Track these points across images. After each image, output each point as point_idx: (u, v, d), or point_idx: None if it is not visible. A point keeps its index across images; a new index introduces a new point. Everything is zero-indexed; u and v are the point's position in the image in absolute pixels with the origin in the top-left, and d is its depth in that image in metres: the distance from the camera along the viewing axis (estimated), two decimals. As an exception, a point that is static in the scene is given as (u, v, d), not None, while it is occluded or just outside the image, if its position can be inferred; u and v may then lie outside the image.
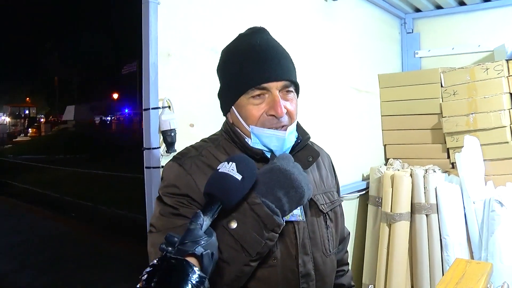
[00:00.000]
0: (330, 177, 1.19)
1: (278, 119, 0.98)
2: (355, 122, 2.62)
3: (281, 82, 0.98)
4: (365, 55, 2.73)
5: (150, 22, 1.36)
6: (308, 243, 1.04)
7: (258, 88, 0.98)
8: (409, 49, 3.11)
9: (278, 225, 0.89)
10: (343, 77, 2.51)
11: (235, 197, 0.86)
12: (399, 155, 2.82)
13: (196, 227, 0.77)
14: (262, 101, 0.99)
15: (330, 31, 2.38)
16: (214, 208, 0.83)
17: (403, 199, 2.41)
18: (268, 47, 1.01)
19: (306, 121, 2.13)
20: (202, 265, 0.72)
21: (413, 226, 2.43)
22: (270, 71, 0.98)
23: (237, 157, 0.91)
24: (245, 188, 0.87)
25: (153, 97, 1.37)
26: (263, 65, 0.98)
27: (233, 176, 0.85)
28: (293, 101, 1.01)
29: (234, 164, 0.87)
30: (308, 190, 0.92)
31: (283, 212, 0.90)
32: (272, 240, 0.90)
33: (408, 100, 2.77)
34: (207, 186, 0.86)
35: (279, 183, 0.90)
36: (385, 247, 2.46)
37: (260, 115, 0.99)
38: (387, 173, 2.50)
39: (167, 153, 1.43)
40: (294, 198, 0.90)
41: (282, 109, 0.97)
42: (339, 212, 1.16)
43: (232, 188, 0.85)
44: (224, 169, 0.87)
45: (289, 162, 0.93)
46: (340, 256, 1.25)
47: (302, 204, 0.93)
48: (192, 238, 0.74)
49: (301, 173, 0.93)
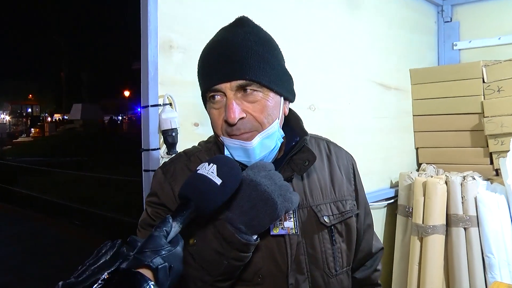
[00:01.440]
0: (347, 183, 1.15)
1: (231, 126, 0.94)
2: (382, 123, 2.59)
3: (234, 82, 0.93)
4: (395, 48, 2.69)
5: (149, 10, 1.37)
6: (305, 260, 1.02)
7: (212, 90, 0.96)
8: (446, 40, 3.05)
9: (243, 243, 0.87)
10: (370, 72, 2.49)
11: (211, 204, 0.84)
12: (433, 160, 2.77)
13: (159, 234, 0.75)
14: (221, 105, 0.96)
15: (355, 22, 2.37)
16: (186, 213, 0.82)
17: (437, 209, 2.36)
18: (229, 43, 0.96)
19: (328, 120, 2.16)
20: (157, 280, 0.70)
21: (449, 241, 2.37)
22: (221, 71, 0.94)
23: (220, 158, 0.90)
24: (225, 195, 0.86)
25: (152, 93, 1.39)
26: (215, 64, 0.95)
27: (212, 180, 0.84)
28: (259, 102, 0.95)
29: (215, 166, 0.86)
30: (284, 202, 0.89)
31: (251, 228, 0.88)
32: (239, 260, 0.89)
33: (444, 98, 2.72)
34: (182, 188, 0.86)
35: (244, 195, 0.88)
36: (416, 263, 2.41)
37: (221, 121, 0.97)
38: (419, 179, 2.45)
39: (168, 154, 1.43)
40: (263, 211, 0.88)
41: (234, 114, 0.92)
42: (353, 225, 1.12)
43: (209, 193, 0.83)
44: (203, 170, 0.86)
45: (259, 171, 0.91)
46: (365, 274, 1.22)
47: (277, 217, 0.90)
48: (152, 247, 0.72)
49: (276, 183, 0.90)
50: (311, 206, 1.06)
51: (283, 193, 0.89)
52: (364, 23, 2.43)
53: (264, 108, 0.96)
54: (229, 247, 0.87)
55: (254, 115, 0.95)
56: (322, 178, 1.11)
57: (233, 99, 0.94)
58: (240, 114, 0.93)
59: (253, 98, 0.95)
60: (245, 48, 0.94)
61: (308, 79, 2.07)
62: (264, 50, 0.96)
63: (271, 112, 0.97)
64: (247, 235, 0.88)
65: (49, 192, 10.76)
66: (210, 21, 1.54)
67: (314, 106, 2.10)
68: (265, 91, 0.96)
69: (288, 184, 0.93)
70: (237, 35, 0.96)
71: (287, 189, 0.91)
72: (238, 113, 0.93)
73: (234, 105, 0.93)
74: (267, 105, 0.96)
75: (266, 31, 1.04)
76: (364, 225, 1.20)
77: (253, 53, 0.94)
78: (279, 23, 1.91)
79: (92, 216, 8.25)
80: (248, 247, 0.89)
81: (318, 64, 2.13)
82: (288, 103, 1.07)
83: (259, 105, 0.95)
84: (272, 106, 0.97)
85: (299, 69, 2.00)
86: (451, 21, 3.04)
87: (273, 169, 0.94)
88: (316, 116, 2.11)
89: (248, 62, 0.93)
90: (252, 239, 0.90)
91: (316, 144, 1.18)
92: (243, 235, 0.87)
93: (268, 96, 0.97)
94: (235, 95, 0.94)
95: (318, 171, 1.11)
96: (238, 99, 0.94)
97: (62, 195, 10.24)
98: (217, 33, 1.03)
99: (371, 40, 2.50)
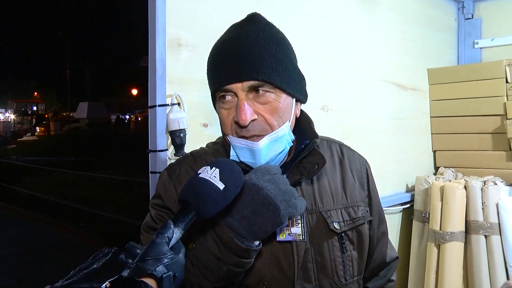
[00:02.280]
0: (359, 188, 1.14)
1: (242, 128, 0.93)
2: (398, 124, 2.57)
3: (246, 83, 0.92)
4: (412, 46, 2.67)
5: (157, 6, 1.37)
6: (313, 268, 1.01)
7: (222, 90, 0.95)
8: (467, 38, 3.01)
9: (243, 249, 0.87)
10: (386, 72, 2.47)
11: (213, 209, 0.84)
12: (451, 164, 2.74)
13: (161, 241, 0.75)
14: (231, 105, 0.96)
15: (370, 20, 2.35)
16: (187, 218, 0.81)
17: (456, 215, 2.33)
18: (240, 41, 0.95)
19: (342, 121, 2.14)
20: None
21: (469, 249, 2.34)
22: (233, 70, 0.93)
23: (222, 162, 0.89)
24: (227, 200, 0.85)
25: (159, 92, 1.39)
26: (226, 63, 0.94)
27: (214, 184, 0.83)
28: (271, 104, 0.95)
29: (218, 170, 0.85)
30: (288, 208, 0.88)
31: (253, 234, 0.88)
32: (239, 266, 0.89)
33: (464, 99, 2.68)
34: (182, 192, 0.85)
35: (245, 199, 0.87)
36: (433, 272, 2.38)
37: (231, 121, 0.96)
38: (436, 184, 2.42)
39: (176, 156, 1.43)
40: (266, 217, 0.87)
41: (245, 115, 0.91)
42: (365, 232, 1.10)
43: (211, 198, 0.83)
44: (205, 174, 0.85)
45: (263, 175, 0.90)
46: (378, 285, 1.20)
47: (280, 224, 0.89)
48: (155, 255, 0.72)
49: (280, 188, 0.89)
50: (321, 211, 1.05)
51: (286, 198, 0.88)
52: (379, 20, 2.41)
53: (276, 109, 0.95)
54: (228, 253, 0.87)
55: (265, 116, 0.94)
56: (333, 183, 1.10)
57: (245, 100, 0.93)
58: (252, 115, 0.93)
59: (265, 99, 0.94)
60: (257, 47, 0.94)
61: (321, 79, 2.06)
62: (277, 49, 0.96)
63: (283, 114, 0.96)
64: (247, 241, 0.87)
65: (53, 193, 10.88)
66: (221, 18, 1.54)
67: (327, 107, 2.09)
68: (278, 92, 0.95)
69: (293, 189, 0.92)
70: (249, 33, 0.96)
71: (291, 195, 0.90)
72: (250, 115, 0.93)
73: (245, 107, 0.92)
74: (279, 106, 0.95)
75: (279, 29, 1.03)
76: (378, 233, 1.18)
77: (266, 52, 0.93)
78: (292, 20, 1.91)
79: (97, 217, 8.33)
80: (248, 253, 0.88)
81: (331, 64, 2.12)
82: (299, 105, 1.07)
83: (271, 107, 0.95)
84: (284, 107, 0.97)
85: (312, 68, 1.99)
86: (472, 18, 3.00)
87: (279, 172, 0.93)
88: (329, 117, 2.10)
89: (261, 62, 0.92)
90: (254, 245, 0.89)
91: (328, 147, 1.16)
92: (243, 240, 0.87)
93: (280, 97, 0.96)
94: (246, 95, 0.94)
95: (329, 175, 1.10)
96: (250, 100, 0.94)
97: (66, 196, 10.35)
98: (228, 30, 1.02)
99: (387, 38, 2.48)
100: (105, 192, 10.73)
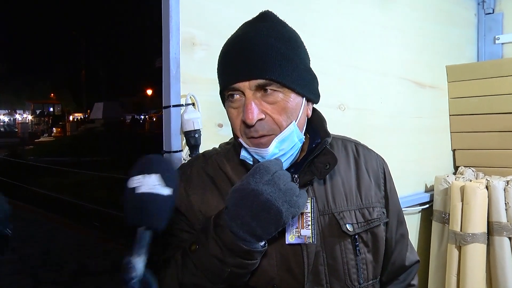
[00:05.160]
0: (375, 188, 1.11)
1: (250, 128, 0.93)
2: (416, 123, 2.53)
3: (253, 81, 0.91)
4: (430, 43, 2.62)
5: (170, 5, 1.36)
6: (324, 271, 0.99)
7: (230, 89, 0.95)
8: (487, 34, 2.95)
9: (246, 251, 0.86)
10: (403, 70, 2.43)
11: (166, 219, 0.80)
12: (472, 163, 2.69)
13: None
14: (239, 104, 0.95)
15: (386, 16, 2.31)
16: (144, 241, 0.77)
17: (477, 216, 2.28)
18: (249, 39, 0.94)
19: (359, 120, 2.12)
20: None
21: (492, 251, 2.28)
22: (240, 69, 0.92)
23: (154, 163, 0.84)
24: (174, 202, 0.82)
25: (174, 93, 1.37)
26: (234, 61, 0.94)
27: (160, 195, 0.78)
28: (279, 104, 0.93)
29: (158, 176, 0.79)
30: (290, 208, 0.86)
31: (256, 237, 0.86)
32: (242, 267, 0.88)
33: (484, 96, 2.63)
34: (127, 218, 0.79)
35: (245, 206, 0.85)
36: (454, 274, 2.34)
37: (240, 121, 0.95)
38: (456, 183, 2.37)
39: (191, 157, 1.42)
40: (267, 220, 0.85)
41: (252, 115, 0.91)
42: (380, 234, 1.08)
43: (163, 211, 0.78)
44: (144, 188, 0.77)
45: (262, 176, 0.87)
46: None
47: (283, 225, 0.87)
48: None
49: (280, 189, 0.86)
50: (333, 212, 1.03)
51: (288, 198, 0.86)
52: (396, 16, 2.37)
53: (284, 109, 0.94)
54: (230, 254, 0.86)
55: (273, 116, 0.93)
56: (347, 183, 1.07)
57: (252, 99, 0.92)
58: (259, 115, 0.92)
59: (273, 98, 0.93)
60: (266, 45, 0.92)
61: (337, 77, 2.03)
62: (286, 48, 0.94)
63: (291, 114, 0.95)
64: (251, 243, 0.86)
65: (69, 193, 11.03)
66: (233, 16, 1.51)
67: (344, 105, 2.06)
68: (286, 91, 0.94)
69: (294, 185, 0.89)
70: (258, 31, 0.94)
71: (293, 193, 0.87)
72: (257, 114, 0.91)
73: (252, 106, 0.91)
74: (287, 106, 0.94)
75: (291, 27, 1.01)
76: (397, 235, 1.15)
77: (274, 50, 0.92)
78: (306, 18, 1.88)
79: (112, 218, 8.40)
80: (251, 254, 0.87)
81: (347, 61, 2.09)
82: (311, 104, 1.05)
83: (279, 106, 0.94)
84: (292, 107, 0.95)
85: (328, 67, 1.97)
86: (493, 12, 2.93)
87: (280, 168, 0.91)
88: (346, 115, 2.07)
89: (269, 60, 0.91)
90: (259, 246, 0.88)
91: (343, 146, 1.14)
92: (245, 243, 0.86)
93: (289, 97, 0.94)
94: (254, 94, 0.92)
95: (343, 175, 1.08)
96: (257, 99, 0.93)
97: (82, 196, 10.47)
98: (239, 28, 1.01)
99: (404, 34, 2.43)
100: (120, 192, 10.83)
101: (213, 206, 1.00)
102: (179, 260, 0.93)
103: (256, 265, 0.91)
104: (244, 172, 0.99)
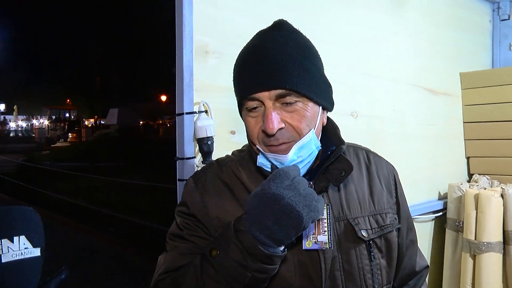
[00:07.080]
0: (387, 195, 1.12)
1: (270, 137, 0.94)
2: (430, 130, 2.51)
3: (274, 91, 0.92)
4: (444, 50, 2.60)
5: (184, 14, 1.37)
6: (340, 276, 0.99)
7: (249, 99, 0.95)
8: (502, 41, 2.93)
9: (267, 255, 0.86)
10: (416, 76, 2.42)
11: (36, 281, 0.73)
12: (486, 171, 2.66)
13: None
14: (258, 113, 0.96)
15: (399, 22, 2.30)
16: None
17: (492, 225, 2.24)
18: (267, 48, 0.95)
19: (371, 127, 2.11)
20: None
21: (508, 261, 2.25)
22: (260, 79, 0.93)
23: (17, 221, 0.78)
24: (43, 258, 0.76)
25: (187, 100, 1.39)
26: (253, 71, 0.94)
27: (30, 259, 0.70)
28: (298, 112, 0.95)
29: (23, 237, 0.70)
30: (310, 212, 0.87)
31: (276, 242, 0.87)
32: (263, 272, 0.88)
33: (499, 104, 2.60)
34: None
35: (266, 210, 0.86)
36: (469, 284, 2.30)
37: (258, 130, 0.96)
38: (470, 191, 2.34)
39: (204, 163, 1.43)
40: (288, 225, 0.85)
41: (273, 124, 0.92)
42: (393, 240, 1.08)
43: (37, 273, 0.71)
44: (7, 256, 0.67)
45: (282, 181, 0.88)
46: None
47: (303, 229, 0.88)
48: None
49: (300, 193, 0.87)
50: (348, 219, 1.03)
51: (308, 203, 0.87)
52: (409, 23, 2.36)
53: (303, 118, 0.95)
54: (252, 259, 0.86)
55: (292, 124, 0.95)
56: (360, 190, 1.08)
57: (272, 108, 0.93)
58: (279, 124, 0.93)
59: (292, 108, 0.94)
60: (284, 55, 0.93)
61: (349, 84, 2.03)
62: (304, 57, 0.95)
63: (310, 122, 0.96)
64: (271, 247, 0.87)
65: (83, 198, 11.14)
66: (246, 24, 1.54)
67: (356, 113, 2.05)
68: (305, 100, 0.95)
69: (313, 191, 0.90)
70: (275, 41, 0.95)
71: (312, 198, 0.88)
72: (277, 124, 0.93)
73: (273, 116, 0.92)
74: (305, 115, 0.95)
75: (305, 36, 1.02)
76: (407, 241, 1.16)
77: (293, 60, 0.93)
78: (318, 25, 1.89)
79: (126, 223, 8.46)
80: (272, 259, 0.87)
81: (359, 68, 2.09)
82: (326, 113, 1.06)
83: (298, 115, 0.95)
84: (311, 116, 0.97)
85: (340, 74, 1.97)
86: (509, 18, 2.91)
87: (298, 173, 0.92)
88: (358, 123, 2.06)
89: (288, 70, 0.92)
90: (279, 251, 0.88)
91: (355, 154, 1.15)
92: (266, 247, 0.86)
93: (307, 106, 0.96)
94: (274, 104, 0.94)
95: (356, 182, 1.09)
96: (277, 109, 0.94)
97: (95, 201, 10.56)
98: (254, 37, 1.02)
99: (417, 41, 2.42)
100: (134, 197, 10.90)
101: (230, 212, 1.00)
102: (198, 267, 0.93)
103: (276, 270, 0.91)
104: (260, 179, 1.00)
